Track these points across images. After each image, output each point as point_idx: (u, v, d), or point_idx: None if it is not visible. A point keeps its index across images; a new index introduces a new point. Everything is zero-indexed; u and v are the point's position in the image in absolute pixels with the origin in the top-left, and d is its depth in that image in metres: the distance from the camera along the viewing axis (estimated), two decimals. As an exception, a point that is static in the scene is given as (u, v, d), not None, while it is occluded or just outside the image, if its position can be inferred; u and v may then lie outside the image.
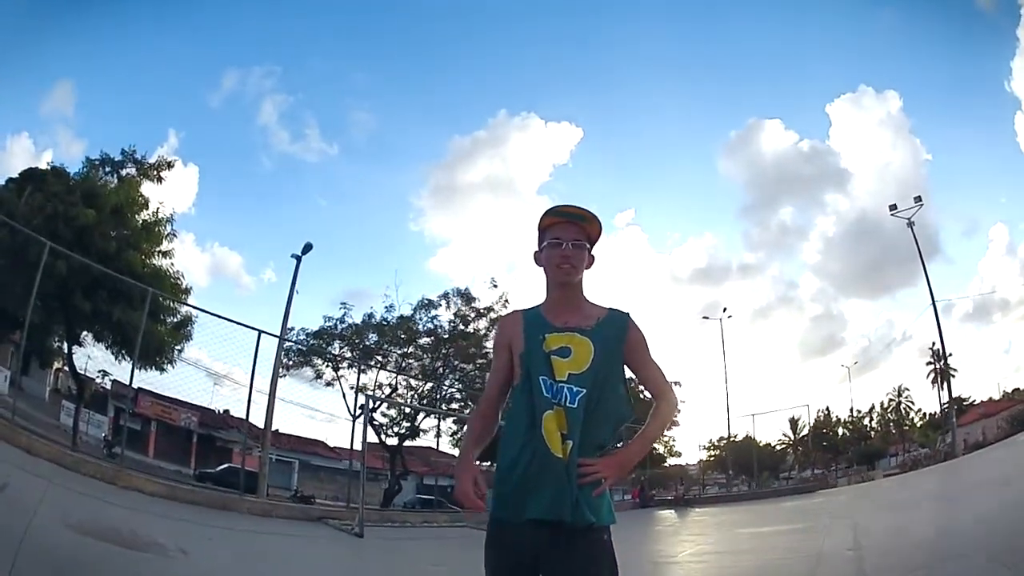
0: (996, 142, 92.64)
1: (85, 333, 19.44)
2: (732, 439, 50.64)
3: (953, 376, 69.38)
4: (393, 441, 28.27)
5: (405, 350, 28.90)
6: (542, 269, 2.86)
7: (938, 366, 71.37)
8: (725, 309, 54.01)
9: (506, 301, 29.16)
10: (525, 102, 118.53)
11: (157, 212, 19.59)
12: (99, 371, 36.69)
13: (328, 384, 28.26)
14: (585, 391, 2.59)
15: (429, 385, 28.15)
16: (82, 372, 28.37)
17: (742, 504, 30.35)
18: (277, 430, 49.32)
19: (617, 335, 2.76)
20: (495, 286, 32.28)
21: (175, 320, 19.76)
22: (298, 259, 23.25)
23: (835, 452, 68.44)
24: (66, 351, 20.10)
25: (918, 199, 38.89)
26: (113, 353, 20.09)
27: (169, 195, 56.51)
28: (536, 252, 2.89)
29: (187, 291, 19.50)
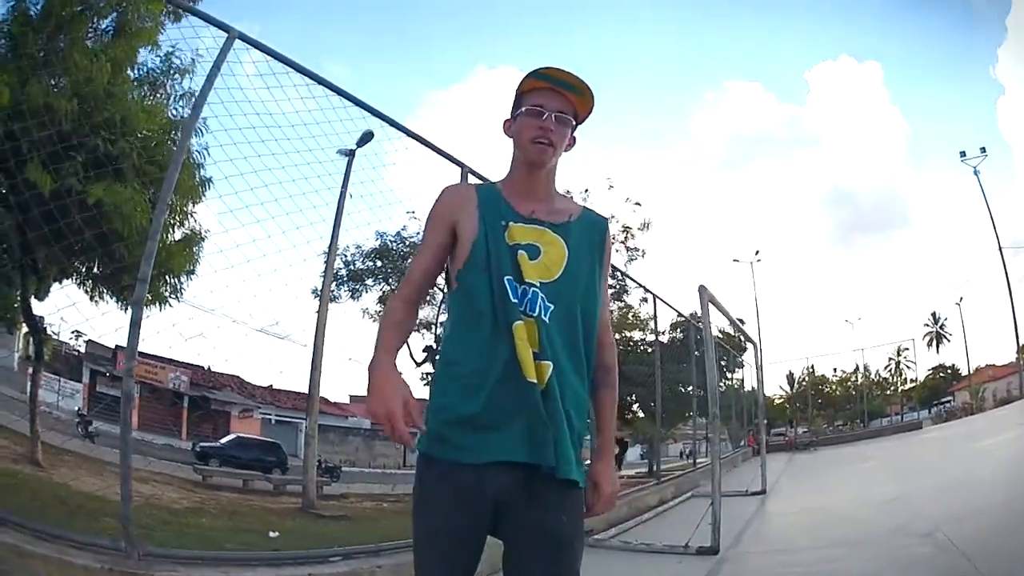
0: (977, 123, 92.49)
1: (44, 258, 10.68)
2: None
3: (948, 341, 68.36)
4: None
5: None
6: (512, 141, 2.14)
7: (934, 329, 69.24)
8: (757, 252, 49.71)
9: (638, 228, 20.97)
10: (504, 56, 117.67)
11: (169, 58, 10.51)
12: (72, 331, 29.32)
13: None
14: (555, 306, 1.97)
15: None
16: (54, 334, 21.17)
17: (862, 444, 28.27)
18: (271, 386, 42.04)
19: (593, 241, 2.15)
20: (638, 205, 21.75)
21: (186, 231, 10.79)
22: (351, 153, 15.65)
23: (833, 409, 63.94)
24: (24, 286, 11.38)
25: (983, 149, 38.95)
26: (88, 290, 11.19)
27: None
28: (507, 120, 2.17)
29: (206, 182, 10.79)
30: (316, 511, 11.89)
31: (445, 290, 2.23)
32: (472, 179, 6.17)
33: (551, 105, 2.07)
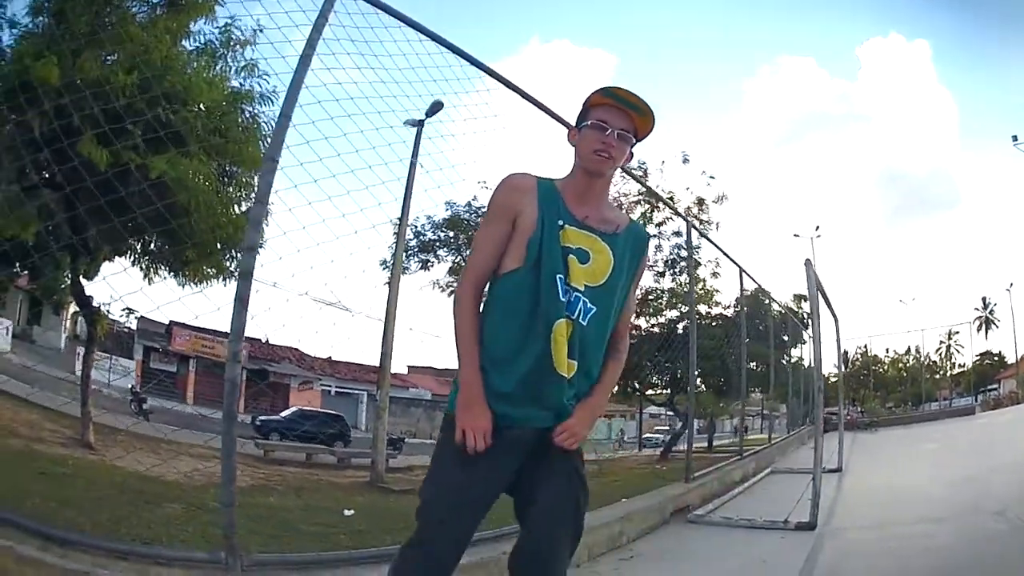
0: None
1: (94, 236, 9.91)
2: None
3: (997, 327, 67.08)
4: None
5: None
6: (574, 149, 2.33)
7: (984, 314, 67.81)
8: (817, 227, 49.34)
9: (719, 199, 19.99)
10: (558, 29, 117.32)
11: (228, 29, 9.90)
12: (123, 309, 29.24)
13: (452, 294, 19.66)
14: (596, 309, 2.21)
15: None
16: (107, 312, 20.84)
17: (919, 426, 29.72)
18: (330, 357, 42.08)
19: (635, 254, 2.36)
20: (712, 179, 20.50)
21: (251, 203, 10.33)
22: (419, 124, 15.43)
23: (886, 390, 62.66)
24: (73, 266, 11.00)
25: (1034, 136, 37.49)
26: (143, 267, 10.96)
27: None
28: (572, 130, 2.37)
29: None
30: (385, 485, 11.68)
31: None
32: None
33: (615, 122, 2.24)
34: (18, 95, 7.40)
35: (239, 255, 10.29)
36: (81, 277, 11.25)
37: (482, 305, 2.32)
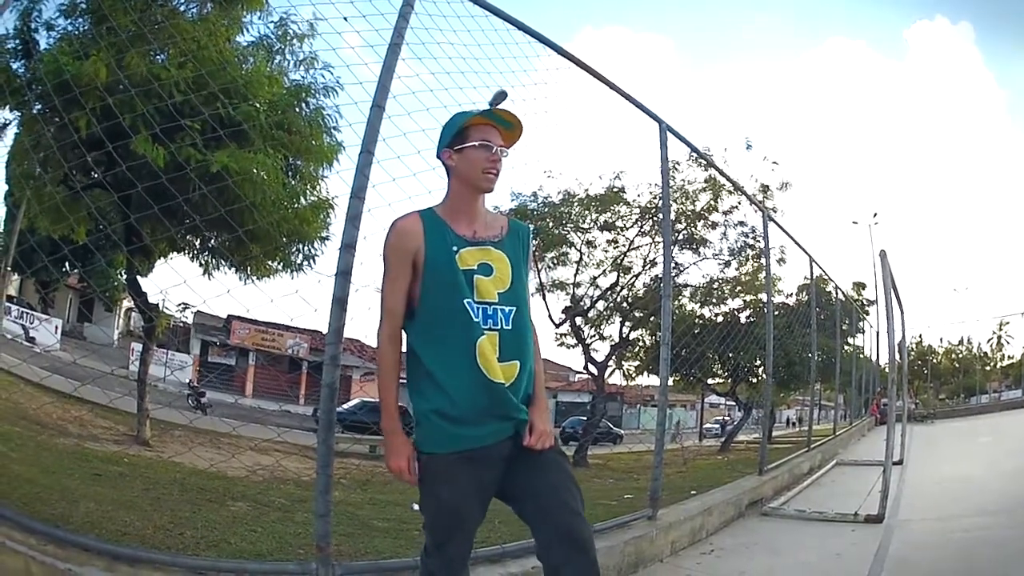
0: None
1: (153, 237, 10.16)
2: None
3: None
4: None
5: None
6: (454, 169, 2.45)
7: None
8: (875, 214, 48.75)
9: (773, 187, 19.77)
10: (610, 16, 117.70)
11: (284, 24, 9.81)
12: (179, 304, 29.43)
13: None
14: (516, 308, 2.41)
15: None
16: (165, 308, 20.76)
17: (972, 419, 30.45)
18: None
19: (523, 248, 2.56)
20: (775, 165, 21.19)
21: (316, 196, 10.01)
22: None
23: (939, 382, 61.53)
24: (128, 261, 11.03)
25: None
26: (203, 263, 11.11)
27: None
28: (447, 151, 2.46)
29: (339, 146, 9.71)
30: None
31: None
32: (671, 137, 5.73)
33: (497, 141, 2.43)
34: (61, 96, 7.34)
35: (306, 248, 10.29)
36: (137, 275, 11.28)
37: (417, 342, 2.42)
